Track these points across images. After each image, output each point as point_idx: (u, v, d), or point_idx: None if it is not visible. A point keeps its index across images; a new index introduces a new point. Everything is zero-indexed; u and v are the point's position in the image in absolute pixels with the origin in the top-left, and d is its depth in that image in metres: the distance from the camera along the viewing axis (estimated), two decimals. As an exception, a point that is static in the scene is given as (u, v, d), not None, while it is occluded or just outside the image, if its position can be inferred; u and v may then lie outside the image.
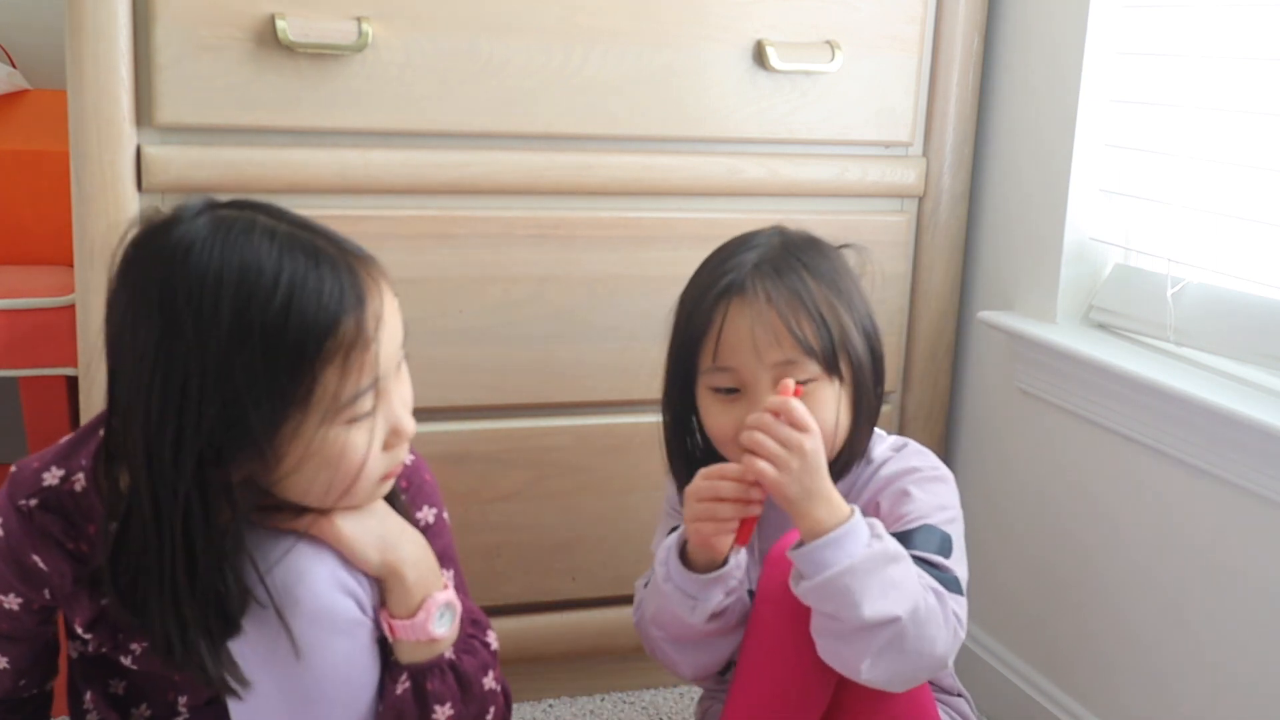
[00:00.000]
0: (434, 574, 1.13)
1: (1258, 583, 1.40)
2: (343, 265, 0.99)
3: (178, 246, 0.97)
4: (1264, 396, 1.42)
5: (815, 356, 1.20)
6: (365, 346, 0.99)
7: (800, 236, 1.29)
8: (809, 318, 1.20)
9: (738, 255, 1.25)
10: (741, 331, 1.21)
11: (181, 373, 0.95)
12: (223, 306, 0.95)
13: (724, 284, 1.23)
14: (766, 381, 1.20)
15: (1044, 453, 1.75)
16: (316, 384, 0.97)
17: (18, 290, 1.86)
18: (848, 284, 1.26)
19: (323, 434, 1.00)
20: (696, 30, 1.68)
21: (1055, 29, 1.72)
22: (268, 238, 0.97)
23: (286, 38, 1.50)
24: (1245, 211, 1.49)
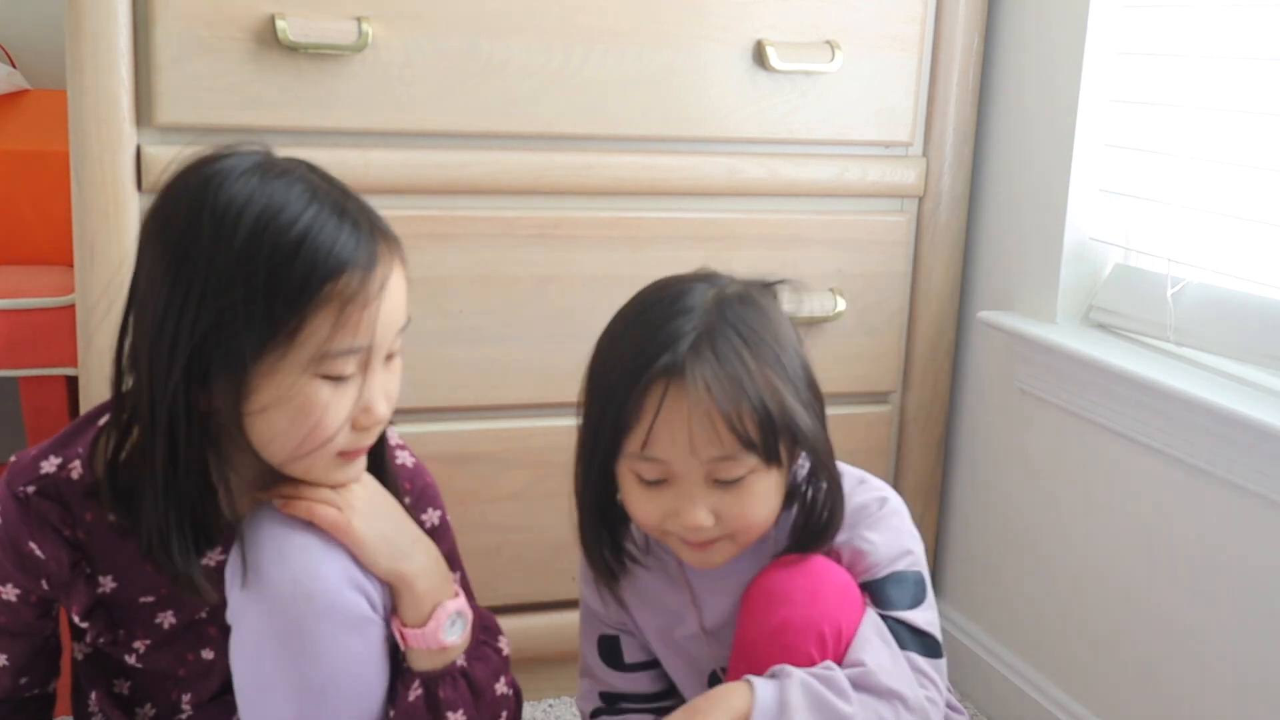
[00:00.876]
0: (445, 582, 1.14)
1: (1257, 583, 1.40)
2: (364, 228, 1.03)
3: (219, 170, 1.02)
4: (1264, 396, 1.42)
5: (756, 450, 1.07)
6: (364, 304, 1.01)
7: (735, 294, 1.12)
8: (750, 408, 1.05)
9: (669, 324, 1.08)
10: (676, 425, 1.05)
11: (188, 278, 0.98)
12: (241, 226, 0.98)
13: (659, 366, 1.06)
14: (698, 474, 1.08)
15: (1044, 453, 1.75)
16: (306, 323, 0.99)
17: (18, 290, 1.86)
18: (787, 349, 1.11)
19: (299, 381, 1.01)
20: (696, 30, 1.68)
21: (1055, 29, 1.72)
22: (303, 184, 1.02)
23: (286, 38, 1.50)
24: (1245, 211, 1.49)
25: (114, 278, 1.51)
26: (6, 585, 1.12)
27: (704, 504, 1.08)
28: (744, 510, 1.09)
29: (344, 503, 1.09)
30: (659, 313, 1.10)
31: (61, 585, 1.12)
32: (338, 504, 1.09)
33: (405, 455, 1.22)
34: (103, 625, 1.14)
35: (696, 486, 1.08)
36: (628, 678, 1.28)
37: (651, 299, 1.13)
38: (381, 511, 1.12)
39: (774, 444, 1.08)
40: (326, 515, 1.08)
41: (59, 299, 1.84)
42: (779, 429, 1.08)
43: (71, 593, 1.12)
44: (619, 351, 1.11)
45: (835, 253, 1.81)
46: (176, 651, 1.17)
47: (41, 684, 1.20)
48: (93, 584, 1.12)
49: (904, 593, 1.15)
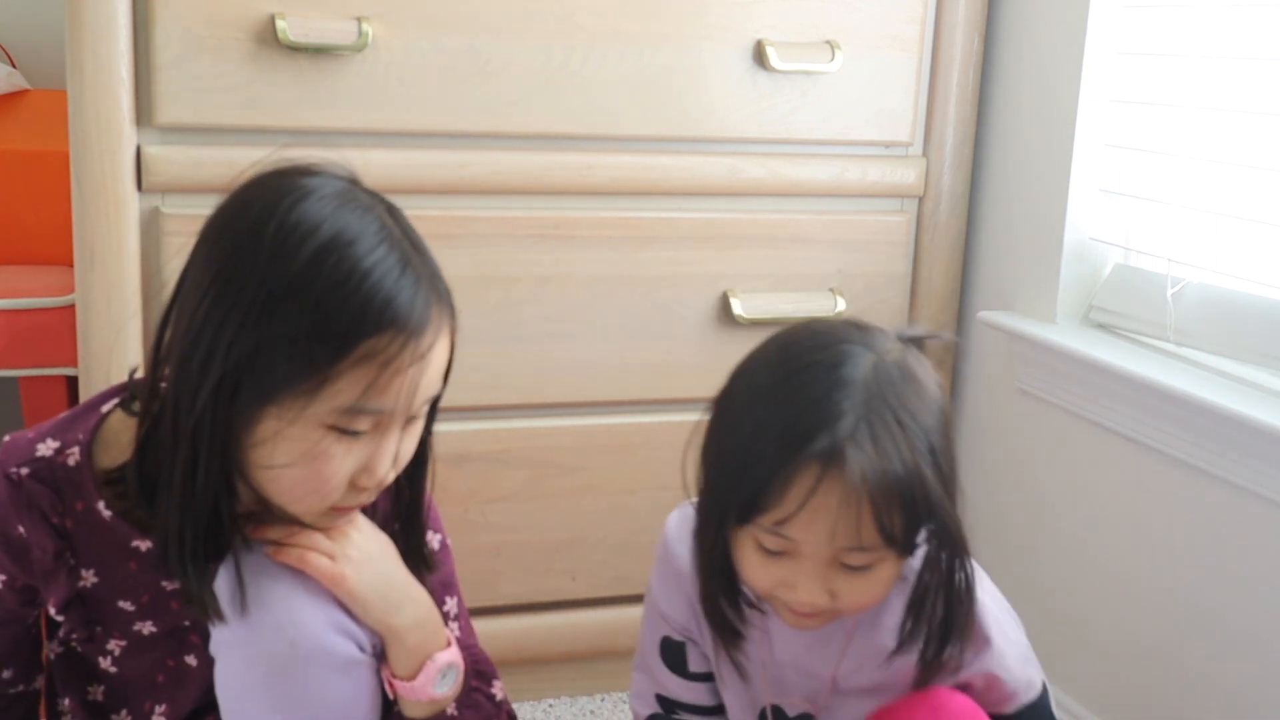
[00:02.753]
0: (436, 634, 1.11)
1: (1258, 582, 1.40)
2: (424, 286, 0.98)
3: (299, 188, 0.98)
4: (1264, 396, 1.42)
5: (895, 545, 1.01)
6: (402, 369, 0.96)
7: (894, 364, 1.03)
8: (900, 505, 0.99)
9: (828, 399, 1.00)
10: (822, 512, 0.99)
11: (234, 296, 0.95)
12: (301, 255, 0.94)
13: (816, 448, 0.98)
14: (826, 556, 1.02)
15: (1044, 453, 1.75)
16: (342, 377, 0.95)
17: (18, 290, 1.86)
18: (937, 430, 1.03)
19: (310, 429, 0.97)
20: (696, 30, 1.68)
21: (1055, 29, 1.72)
22: (377, 225, 0.98)
23: (286, 38, 1.50)
24: (1245, 211, 1.49)
25: (115, 278, 1.51)
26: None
27: (824, 585, 1.03)
28: (863, 594, 1.05)
29: (339, 552, 1.06)
30: (815, 381, 1.01)
31: (43, 573, 1.08)
32: (332, 553, 1.06)
33: None
34: (78, 620, 1.11)
35: (821, 567, 1.02)
36: (689, 686, 1.24)
37: (804, 359, 1.03)
38: (376, 562, 1.08)
39: (913, 538, 1.03)
40: (319, 565, 1.05)
41: (59, 299, 1.84)
42: (922, 523, 1.02)
43: (51, 582, 1.08)
44: (766, 416, 1.02)
45: (835, 253, 1.81)
46: (156, 657, 1.14)
47: (25, 678, 1.17)
48: (74, 576, 1.08)
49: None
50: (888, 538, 1.00)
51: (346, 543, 1.07)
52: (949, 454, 1.04)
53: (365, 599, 1.06)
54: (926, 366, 1.06)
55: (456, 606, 1.20)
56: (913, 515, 1.00)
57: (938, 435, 1.03)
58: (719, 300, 1.76)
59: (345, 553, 1.06)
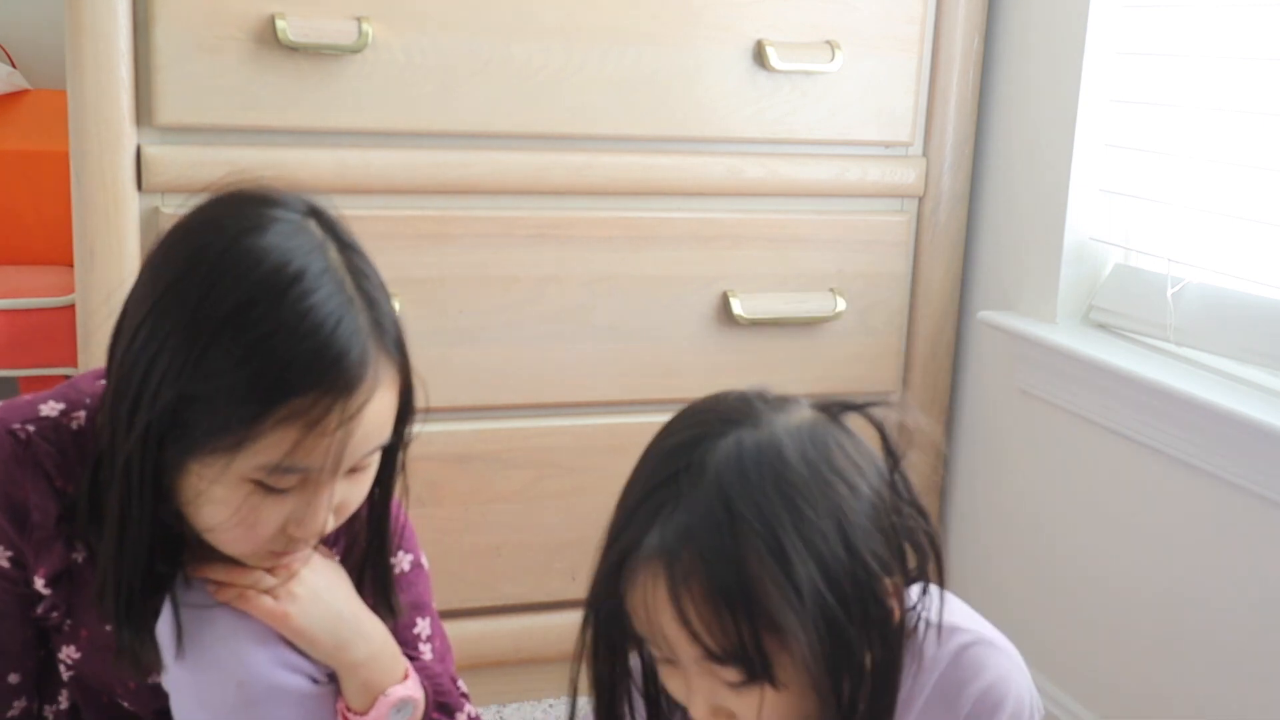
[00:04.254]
0: (392, 668, 1.07)
1: (1257, 582, 1.40)
2: (360, 342, 0.92)
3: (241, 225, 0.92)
4: (1264, 396, 1.42)
5: (732, 661, 0.86)
6: (329, 431, 0.91)
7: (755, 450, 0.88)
8: (717, 615, 0.84)
9: (651, 496, 0.90)
10: (644, 616, 0.89)
11: (164, 337, 0.90)
12: (229, 301, 0.90)
13: (623, 544, 0.90)
14: (695, 670, 0.89)
15: (1044, 453, 1.75)
16: (264, 437, 0.90)
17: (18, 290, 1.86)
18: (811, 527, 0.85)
19: (234, 485, 0.92)
20: (696, 30, 1.68)
21: (1055, 29, 1.72)
22: (320, 269, 0.92)
23: (286, 38, 1.50)
24: (1245, 211, 1.49)
25: (115, 278, 1.51)
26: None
27: (707, 700, 0.90)
28: (755, 716, 0.88)
29: (283, 590, 1.02)
30: (652, 467, 0.92)
31: (41, 540, 1.02)
32: (275, 592, 1.02)
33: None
34: (61, 597, 1.05)
35: (698, 679, 0.89)
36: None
37: (670, 439, 0.94)
38: (324, 597, 1.04)
39: (757, 657, 0.85)
40: (261, 605, 1.01)
41: (59, 299, 1.84)
42: (761, 639, 0.85)
43: (45, 552, 1.03)
44: (612, 517, 0.94)
45: (835, 253, 1.81)
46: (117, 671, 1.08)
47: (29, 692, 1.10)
48: (70, 547, 1.03)
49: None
50: (708, 651, 0.85)
51: (292, 580, 1.03)
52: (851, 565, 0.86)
53: (312, 636, 1.03)
54: (845, 452, 0.90)
55: (429, 628, 1.16)
56: (746, 630, 0.84)
57: (824, 539, 0.85)
58: (719, 300, 1.76)
59: (290, 590, 1.03)
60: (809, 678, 0.86)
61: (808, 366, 1.82)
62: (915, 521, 0.93)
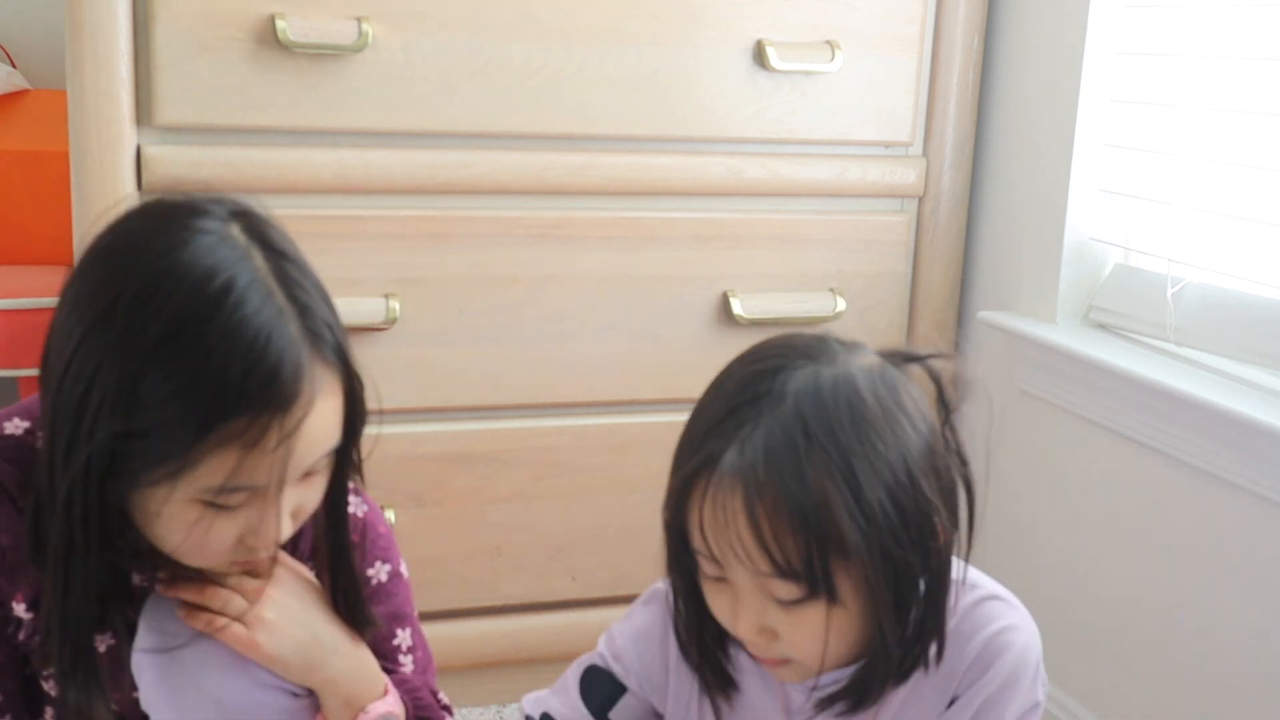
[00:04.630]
0: (371, 684, 1.07)
1: (1257, 582, 1.40)
2: (292, 354, 0.89)
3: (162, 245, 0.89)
4: (1264, 396, 1.42)
5: (794, 578, 0.89)
6: (263, 450, 0.89)
7: (847, 389, 0.92)
8: (790, 530, 0.88)
9: (729, 419, 0.92)
10: (712, 528, 0.91)
11: (92, 374, 0.88)
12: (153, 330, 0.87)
13: (698, 460, 0.92)
14: (750, 585, 0.92)
15: (1044, 452, 1.74)
16: (203, 462, 0.89)
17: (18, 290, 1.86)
18: (879, 457, 0.91)
19: (182, 505, 0.91)
20: (696, 30, 1.68)
21: (1055, 29, 1.72)
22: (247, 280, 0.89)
23: (286, 38, 1.50)
24: (1245, 211, 1.49)
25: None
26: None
27: (755, 619, 0.93)
28: (802, 638, 0.93)
29: (252, 617, 1.01)
30: (741, 391, 0.94)
31: (14, 564, 1.00)
32: (244, 620, 1.01)
33: (357, 502, 1.10)
34: (42, 621, 1.01)
35: (750, 596, 0.92)
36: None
37: (747, 369, 0.96)
38: (297, 618, 1.03)
39: (821, 574, 0.89)
40: (230, 633, 1.00)
41: (59, 299, 1.84)
42: (828, 557, 0.89)
43: (20, 576, 1.00)
44: (689, 430, 0.96)
45: (835, 253, 1.81)
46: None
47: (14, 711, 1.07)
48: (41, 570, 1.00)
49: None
50: (779, 568, 0.88)
51: (262, 603, 1.02)
52: (898, 484, 0.91)
53: (283, 661, 1.02)
54: (909, 394, 0.96)
55: (410, 638, 1.14)
56: (815, 547, 0.88)
57: (875, 459, 0.90)
58: (719, 300, 1.76)
59: (260, 615, 1.01)
60: (864, 601, 0.92)
61: (808, 366, 1.81)
62: (958, 470, 1.00)
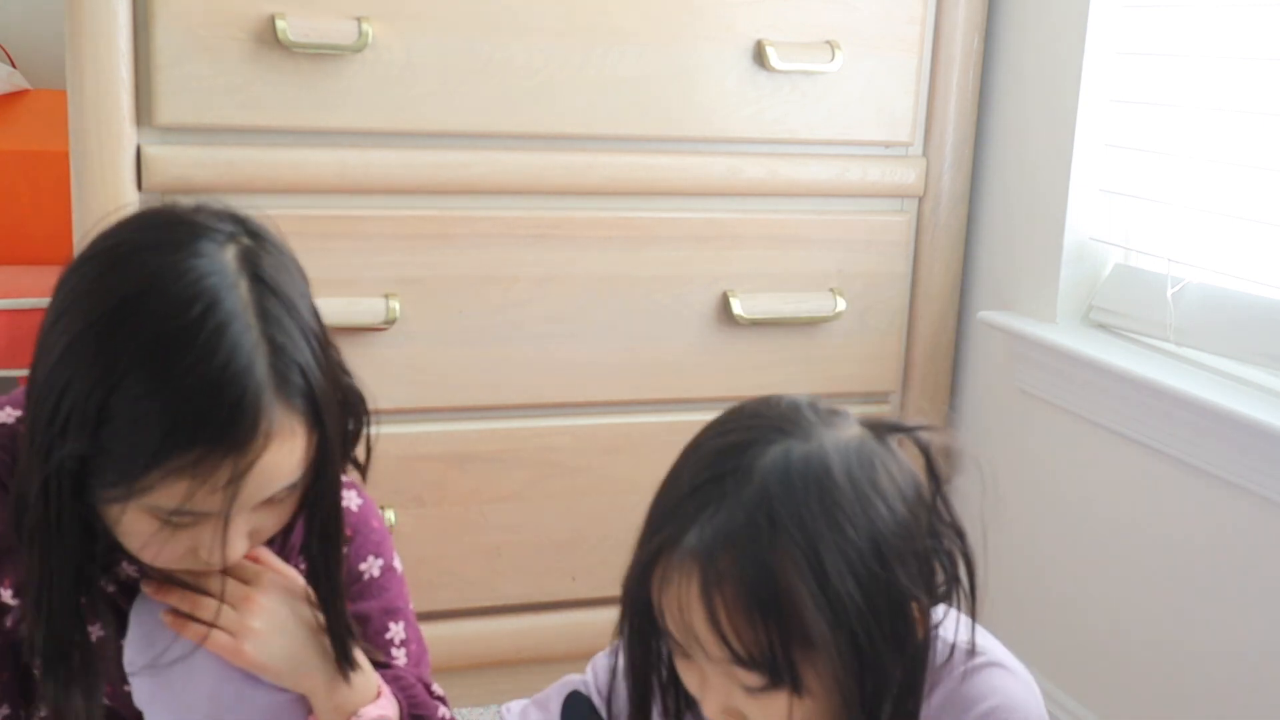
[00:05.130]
0: (363, 688, 1.06)
1: (1257, 583, 1.40)
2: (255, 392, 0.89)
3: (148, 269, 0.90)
4: (1264, 396, 1.42)
5: (757, 668, 0.85)
6: (214, 486, 0.89)
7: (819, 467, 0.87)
8: (749, 620, 0.84)
9: (695, 495, 0.89)
10: (671, 613, 0.88)
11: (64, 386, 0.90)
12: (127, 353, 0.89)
13: (660, 539, 0.89)
14: (713, 669, 0.88)
15: (1044, 453, 1.74)
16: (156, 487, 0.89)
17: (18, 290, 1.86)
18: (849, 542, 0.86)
19: (130, 515, 0.92)
20: (696, 30, 1.68)
21: (1055, 29, 1.72)
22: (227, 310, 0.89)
23: (286, 38, 1.50)
24: (1245, 211, 1.49)
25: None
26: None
27: (720, 701, 0.89)
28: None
29: (239, 626, 1.01)
30: (699, 466, 0.91)
31: (3, 551, 1.01)
32: (231, 629, 1.01)
33: (351, 496, 1.11)
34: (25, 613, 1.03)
35: (715, 679, 0.89)
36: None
37: (719, 440, 0.92)
38: (285, 627, 1.03)
39: (783, 663, 0.85)
40: (218, 642, 1.01)
41: (59, 299, 1.83)
42: (790, 646, 0.84)
43: (8, 562, 1.02)
44: (650, 511, 0.94)
45: (835, 253, 1.81)
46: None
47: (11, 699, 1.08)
48: None
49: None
50: (734, 654, 0.85)
51: (250, 611, 1.02)
52: (885, 582, 0.86)
53: (271, 668, 1.03)
54: (887, 471, 0.90)
55: (404, 632, 1.15)
56: (776, 637, 0.84)
57: (860, 556, 0.85)
58: (719, 300, 1.76)
59: (247, 624, 1.02)
60: (831, 690, 0.87)
61: (808, 366, 1.82)
62: (953, 543, 0.95)
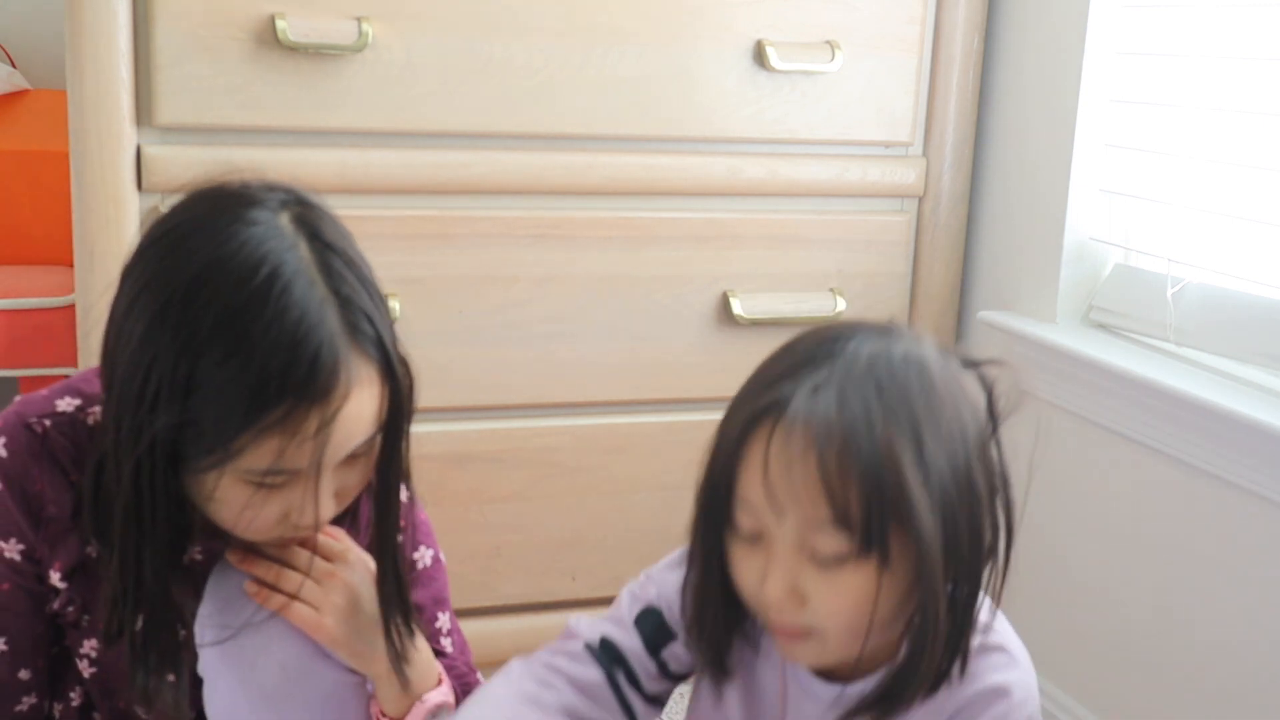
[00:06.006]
0: (427, 674, 1.09)
1: (1258, 583, 1.40)
2: (330, 344, 0.93)
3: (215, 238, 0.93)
4: (1264, 396, 1.42)
5: (850, 530, 0.86)
6: (304, 437, 0.93)
7: (916, 368, 0.91)
8: (857, 479, 0.86)
9: (801, 369, 0.90)
10: (767, 470, 0.88)
11: (151, 362, 0.93)
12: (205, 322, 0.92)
13: (765, 401, 0.89)
14: (790, 539, 0.88)
15: (1043, 453, 1.74)
16: (252, 446, 0.93)
17: (18, 290, 1.86)
18: (943, 433, 0.89)
19: (224, 482, 0.95)
20: (696, 30, 1.68)
21: (1055, 29, 1.72)
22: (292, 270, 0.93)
23: (286, 38, 1.50)
24: (1245, 211, 1.49)
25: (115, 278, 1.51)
26: (9, 540, 1.04)
27: (786, 577, 0.89)
28: (827, 602, 0.89)
29: (322, 601, 1.04)
30: (800, 352, 0.92)
31: (56, 534, 1.04)
32: (314, 603, 1.04)
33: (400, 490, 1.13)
34: (76, 591, 1.06)
35: (785, 553, 0.89)
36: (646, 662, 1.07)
37: (811, 339, 0.94)
38: (363, 606, 1.06)
39: (876, 529, 0.86)
40: (299, 614, 1.04)
41: (59, 299, 1.84)
42: (888, 513, 0.86)
43: (60, 546, 1.04)
44: (747, 383, 0.94)
45: (835, 253, 1.81)
46: None
47: (40, 689, 1.10)
48: (84, 540, 1.05)
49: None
50: (838, 513, 0.86)
51: (332, 587, 1.05)
52: (959, 467, 0.89)
53: (348, 646, 1.05)
54: (959, 384, 0.93)
55: (449, 622, 1.18)
56: (876, 501, 0.86)
57: (938, 434, 0.88)
58: (719, 300, 1.76)
59: (329, 599, 1.04)
60: (904, 576, 0.89)
61: (808, 366, 1.82)
62: (1000, 484, 0.96)
